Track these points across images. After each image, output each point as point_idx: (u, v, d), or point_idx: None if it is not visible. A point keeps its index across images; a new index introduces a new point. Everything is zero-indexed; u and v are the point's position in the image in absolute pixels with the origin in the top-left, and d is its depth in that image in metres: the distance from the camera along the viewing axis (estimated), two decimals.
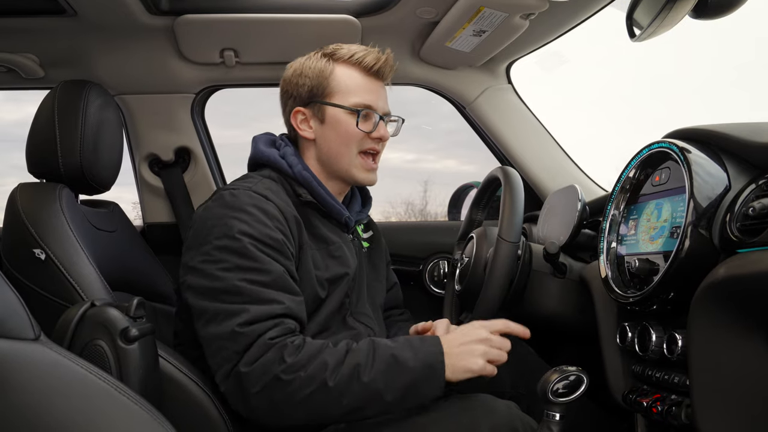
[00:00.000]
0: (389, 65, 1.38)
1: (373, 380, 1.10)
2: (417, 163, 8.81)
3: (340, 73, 1.36)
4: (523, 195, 1.38)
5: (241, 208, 1.20)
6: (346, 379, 1.09)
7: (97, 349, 1.01)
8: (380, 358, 1.12)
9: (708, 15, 1.10)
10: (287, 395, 1.08)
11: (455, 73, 2.03)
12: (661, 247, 1.11)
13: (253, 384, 1.08)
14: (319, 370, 1.09)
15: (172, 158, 2.07)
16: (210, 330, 1.13)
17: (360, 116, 1.34)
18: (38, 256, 1.29)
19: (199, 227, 1.22)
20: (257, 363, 1.08)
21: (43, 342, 0.81)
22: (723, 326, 0.92)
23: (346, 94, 1.35)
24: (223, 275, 1.14)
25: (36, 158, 1.45)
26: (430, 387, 1.14)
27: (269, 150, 1.38)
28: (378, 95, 1.38)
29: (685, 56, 4.78)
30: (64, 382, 0.81)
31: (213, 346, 1.13)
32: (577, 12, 1.69)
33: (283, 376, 1.07)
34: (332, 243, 1.34)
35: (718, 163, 1.04)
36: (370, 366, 1.11)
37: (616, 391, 1.22)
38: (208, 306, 1.14)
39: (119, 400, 0.84)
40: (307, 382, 1.08)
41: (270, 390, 1.08)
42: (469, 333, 1.19)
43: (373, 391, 1.10)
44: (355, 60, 1.36)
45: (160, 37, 1.80)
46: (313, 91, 1.36)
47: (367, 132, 1.35)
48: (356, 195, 1.52)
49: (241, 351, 1.10)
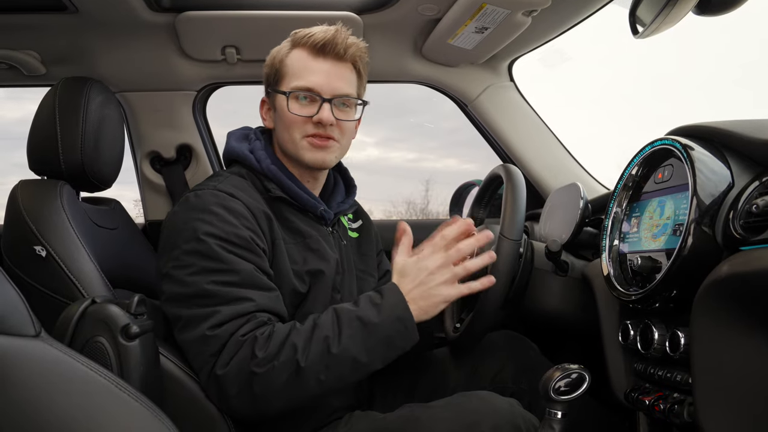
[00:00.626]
0: (337, 42, 1.27)
1: (345, 348, 1.09)
2: (418, 162, 8.81)
3: (292, 57, 1.31)
4: (525, 193, 1.38)
5: (206, 209, 1.18)
6: (317, 356, 1.09)
7: (97, 346, 1.01)
8: (346, 325, 1.12)
9: (711, 12, 1.09)
10: (265, 387, 1.08)
11: (457, 70, 2.03)
12: (663, 244, 1.11)
13: (231, 385, 1.09)
14: (290, 354, 1.08)
15: (173, 155, 2.06)
16: (185, 336, 1.14)
17: (290, 99, 1.27)
18: (39, 253, 1.28)
19: (167, 233, 1.22)
20: (231, 363, 1.09)
21: (43, 339, 0.81)
22: (726, 324, 0.92)
23: (291, 77, 1.30)
24: (192, 280, 1.14)
25: (37, 155, 1.45)
26: (404, 338, 1.14)
27: (239, 145, 1.36)
28: (326, 75, 1.28)
29: (688, 54, 4.76)
30: (64, 378, 0.81)
31: (191, 352, 1.14)
32: (579, 9, 1.68)
33: (257, 370, 1.07)
34: (309, 236, 1.31)
35: (722, 160, 1.04)
36: (338, 335, 1.10)
37: (618, 389, 1.21)
38: (182, 313, 1.14)
39: (120, 396, 0.84)
40: (281, 370, 1.07)
41: (248, 387, 1.08)
42: (423, 266, 1.18)
43: (348, 359, 1.10)
44: (304, 41, 1.29)
45: (162, 34, 1.79)
46: (269, 79, 1.36)
47: (306, 116, 1.27)
48: (339, 184, 1.47)
49: (215, 353, 1.10)
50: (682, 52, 3.13)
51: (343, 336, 1.11)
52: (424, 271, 1.17)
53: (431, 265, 1.17)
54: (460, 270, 1.18)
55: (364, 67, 1.36)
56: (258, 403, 1.10)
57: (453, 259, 1.18)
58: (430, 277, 1.17)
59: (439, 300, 1.17)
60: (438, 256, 1.18)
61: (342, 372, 1.11)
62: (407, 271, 1.19)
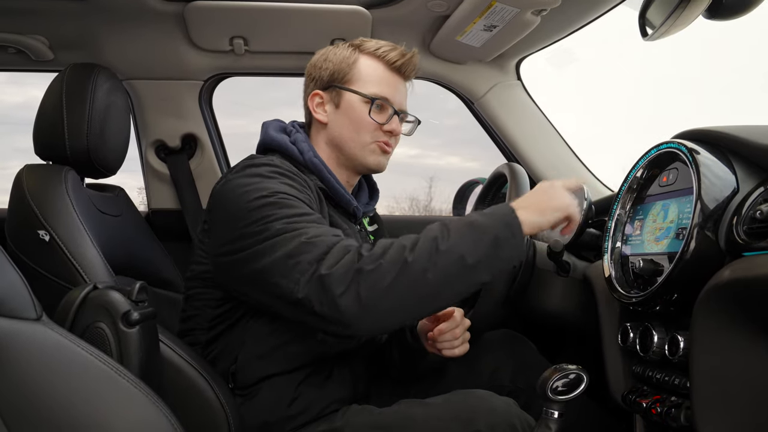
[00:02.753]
0: (413, 64, 1.39)
1: (453, 245, 1.05)
2: (420, 159, 8.78)
3: (363, 63, 1.36)
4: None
5: (267, 175, 1.19)
6: (425, 253, 1.04)
7: (98, 332, 1.01)
8: (455, 228, 1.08)
9: (722, 15, 1.09)
10: (372, 285, 1.03)
11: (464, 67, 2.03)
12: (666, 248, 1.11)
13: (338, 284, 1.02)
14: (398, 252, 1.04)
15: (178, 145, 2.07)
16: (275, 255, 1.07)
17: (374, 105, 1.34)
18: (42, 238, 1.29)
19: (223, 201, 1.19)
20: (339, 264, 1.04)
21: (44, 322, 0.81)
22: (726, 329, 0.92)
23: (365, 83, 1.35)
24: (272, 225, 1.10)
25: (43, 140, 1.46)
26: (511, 246, 1.09)
27: (280, 136, 1.37)
28: (397, 90, 1.38)
29: (697, 57, 4.70)
30: (64, 363, 0.81)
31: (281, 268, 1.07)
32: (589, 9, 1.68)
33: (365, 267, 1.03)
34: (343, 230, 1.32)
35: (727, 165, 1.04)
36: (447, 236, 1.06)
37: (615, 390, 1.22)
38: (264, 247, 1.09)
39: (119, 383, 0.84)
40: (388, 267, 1.03)
41: (355, 285, 1.02)
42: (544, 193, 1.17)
43: (455, 257, 1.04)
44: (380, 53, 1.36)
45: (170, 22, 1.79)
46: (333, 75, 1.37)
47: (379, 123, 1.35)
48: (363, 187, 1.51)
49: (319, 255, 1.05)
50: (691, 55, 3.12)
51: (452, 235, 1.06)
52: (545, 196, 1.17)
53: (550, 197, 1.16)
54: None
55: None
56: (366, 304, 1.03)
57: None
58: (545, 200, 1.16)
59: (546, 217, 1.14)
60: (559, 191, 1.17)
61: (449, 271, 1.05)
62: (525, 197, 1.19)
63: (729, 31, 1.14)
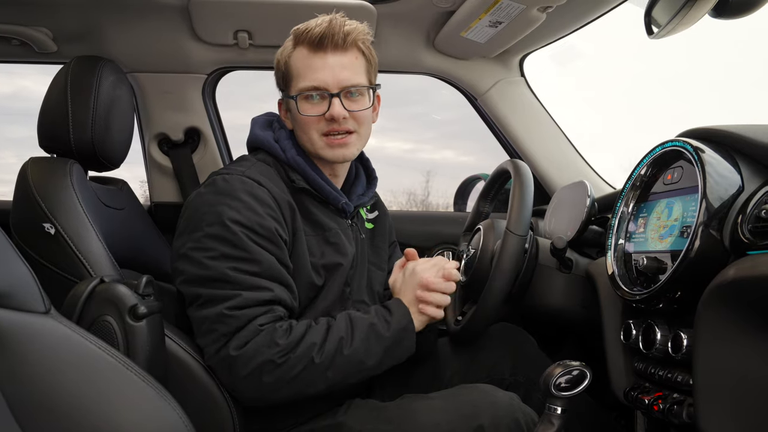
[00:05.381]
0: (335, 32, 1.24)
1: (355, 350, 1.17)
2: (414, 153, 8.72)
3: (294, 57, 1.30)
4: (532, 189, 1.38)
5: (233, 195, 1.19)
6: (331, 353, 1.15)
7: (105, 325, 1.02)
8: (359, 329, 1.19)
9: (728, 14, 1.09)
10: (277, 377, 1.12)
11: (468, 63, 2.03)
12: (670, 246, 1.11)
13: (243, 367, 1.11)
14: (308, 349, 1.13)
15: (181, 138, 2.07)
16: (201, 312, 1.16)
17: (298, 101, 1.27)
18: (48, 231, 1.29)
19: (191, 214, 1.22)
20: (247, 347, 1.11)
21: (53, 316, 0.81)
22: (730, 328, 0.92)
23: (296, 79, 1.29)
24: (213, 264, 1.15)
25: (48, 133, 1.45)
26: (404, 347, 1.24)
27: (264, 133, 1.36)
28: (329, 70, 1.25)
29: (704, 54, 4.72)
30: (73, 355, 0.81)
31: (203, 328, 1.16)
32: (594, 7, 1.68)
33: (276, 359, 1.11)
34: (329, 229, 1.32)
35: (732, 164, 1.04)
36: (351, 339, 1.17)
37: (617, 387, 1.22)
38: (200, 291, 1.16)
39: (127, 376, 0.85)
40: (296, 362, 1.12)
41: (260, 373, 1.11)
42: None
43: (356, 361, 1.17)
44: (303, 37, 1.27)
45: (175, 16, 1.79)
46: (280, 84, 1.36)
47: (318, 115, 1.27)
48: (360, 176, 1.48)
49: (230, 333, 1.12)
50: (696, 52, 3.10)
51: (356, 338, 1.17)
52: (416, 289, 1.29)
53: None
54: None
55: (369, 49, 1.33)
56: (264, 390, 1.12)
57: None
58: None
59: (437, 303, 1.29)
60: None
61: (348, 370, 1.17)
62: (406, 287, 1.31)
63: (735, 30, 1.14)
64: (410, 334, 1.24)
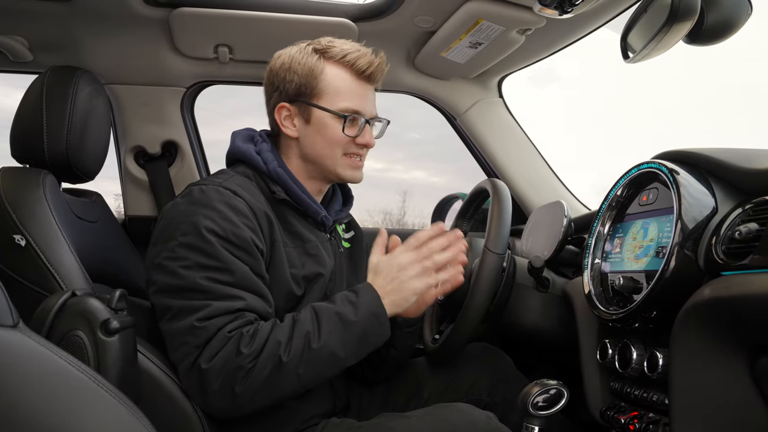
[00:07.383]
0: (381, 69, 1.33)
1: (325, 343, 1.13)
2: (386, 173, 8.78)
3: (330, 73, 1.31)
4: (511, 208, 1.39)
5: (209, 205, 1.18)
6: (299, 350, 1.11)
7: (75, 340, 0.99)
8: (325, 320, 1.15)
9: (702, 41, 1.12)
10: (248, 383, 1.09)
11: (448, 83, 2.05)
12: (645, 266, 1.13)
13: (213, 380, 1.09)
14: (274, 349, 1.10)
15: (158, 151, 2.04)
16: (172, 326, 1.13)
17: (347, 121, 1.31)
18: (18, 242, 1.25)
19: (166, 224, 1.20)
20: (216, 357, 1.09)
21: (21, 329, 0.79)
22: (705, 347, 0.94)
23: (334, 96, 1.30)
24: (186, 273, 1.13)
25: (21, 143, 1.42)
26: (377, 334, 1.18)
27: (245, 146, 1.35)
28: (367, 99, 1.33)
29: (677, 79, 4.79)
30: (41, 371, 0.79)
31: (174, 342, 1.14)
32: (572, 30, 1.71)
33: (244, 365, 1.08)
34: (308, 241, 1.32)
35: (706, 186, 1.06)
36: (317, 331, 1.14)
37: (593, 407, 1.23)
38: (171, 303, 1.14)
39: (97, 392, 0.82)
40: (264, 365, 1.09)
41: (232, 382, 1.08)
42: (394, 263, 1.22)
43: (327, 354, 1.13)
44: (347, 61, 1.30)
45: (155, 28, 1.78)
46: (300, 89, 1.31)
47: (352, 137, 1.32)
48: (337, 194, 1.49)
49: (200, 345, 1.10)
50: (670, 78, 3.18)
51: (323, 331, 1.13)
52: (396, 267, 1.21)
53: (403, 260, 1.22)
54: (429, 263, 1.21)
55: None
56: (237, 400, 1.10)
57: (423, 256, 1.22)
58: (401, 272, 1.21)
59: (409, 293, 1.20)
60: (409, 254, 1.23)
61: (320, 367, 1.13)
62: (380, 268, 1.23)
63: (708, 56, 1.18)
64: (381, 318, 1.18)
